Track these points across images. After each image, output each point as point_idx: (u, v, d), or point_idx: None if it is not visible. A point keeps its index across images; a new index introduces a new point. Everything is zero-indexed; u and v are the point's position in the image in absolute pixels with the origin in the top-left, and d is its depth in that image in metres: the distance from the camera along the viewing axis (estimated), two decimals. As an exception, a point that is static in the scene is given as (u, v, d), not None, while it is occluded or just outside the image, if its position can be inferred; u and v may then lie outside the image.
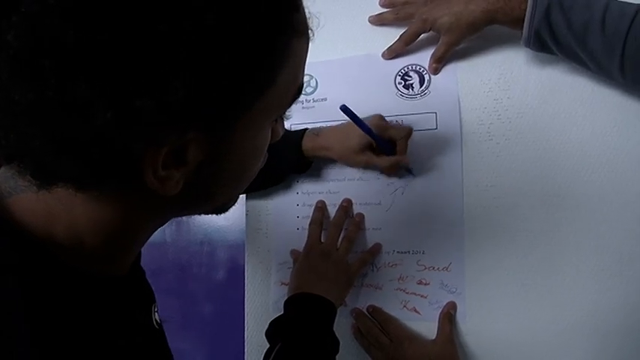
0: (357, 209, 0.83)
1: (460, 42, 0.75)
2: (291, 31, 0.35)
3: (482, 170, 0.77)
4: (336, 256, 0.78)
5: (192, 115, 0.31)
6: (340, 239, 0.81)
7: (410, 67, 0.82)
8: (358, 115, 0.72)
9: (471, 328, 0.76)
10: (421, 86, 0.81)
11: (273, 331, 0.72)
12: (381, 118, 0.76)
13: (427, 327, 0.78)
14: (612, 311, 0.70)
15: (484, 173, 0.77)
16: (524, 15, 0.67)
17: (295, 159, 0.79)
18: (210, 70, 0.30)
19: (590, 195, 0.72)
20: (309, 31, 0.38)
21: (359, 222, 0.82)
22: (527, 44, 0.70)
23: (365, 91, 0.83)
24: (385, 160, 0.76)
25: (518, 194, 0.75)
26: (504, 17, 0.69)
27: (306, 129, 0.80)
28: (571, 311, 0.72)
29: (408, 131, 0.75)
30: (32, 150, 0.30)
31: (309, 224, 0.82)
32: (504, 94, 0.77)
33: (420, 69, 0.81)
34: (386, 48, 0.82)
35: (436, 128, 0.79)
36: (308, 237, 0.82)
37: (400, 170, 0.80)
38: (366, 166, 0.80)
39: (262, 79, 0.35)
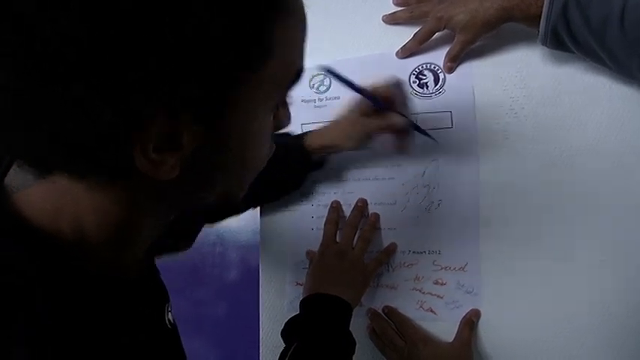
0: (372, 209, 0.82)
1: (475, 40, 0.75)
2: (279, 9, 0.34)
3: (499, 169, 0.76)
4: (352, 256, 0.78)
5: (174, 96, 0.31)
6: (355, 239, 0.81)
7: (424, 65, 0.81)
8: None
9: (487, 327, 0.75)
10: (436, 85, 0.80)
11: (289, 331, 0.72)
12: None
13: (443, 327, 0.77)
14: (634, 311, 0.69)
15: (500, 172, 0.76)
16: (541, 12, 0.66)
17: (301, 158, 0.77)
18: (187, 50, 0.30)
19: (608, 194, 0.71)
20: (303, 13, 0.37)
21: (374, 222, 0.81)
22: (544, 42, 0.69)
23: (379, 91, 0.83)
24: (383, 118, 0.71)
25: (535, 193, 0.74)
26: (520, 14, 0.69)
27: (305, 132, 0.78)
28: (590, 311, 0.71)
29: (395, 80, 0.71)
30: (23, 140, 0.31)
31: (325, 224, 0.82)
32: (520, 93, 0.76)
33: (434, 68, 0.81)
34: (400, 47, 0.81)
35: (451, 127, 0.79)
36: (323, 237, 0.81)
37: (412, 143, 0.74)
38: (368, 135, 0.73)
39: (245, 61, 0.34)
